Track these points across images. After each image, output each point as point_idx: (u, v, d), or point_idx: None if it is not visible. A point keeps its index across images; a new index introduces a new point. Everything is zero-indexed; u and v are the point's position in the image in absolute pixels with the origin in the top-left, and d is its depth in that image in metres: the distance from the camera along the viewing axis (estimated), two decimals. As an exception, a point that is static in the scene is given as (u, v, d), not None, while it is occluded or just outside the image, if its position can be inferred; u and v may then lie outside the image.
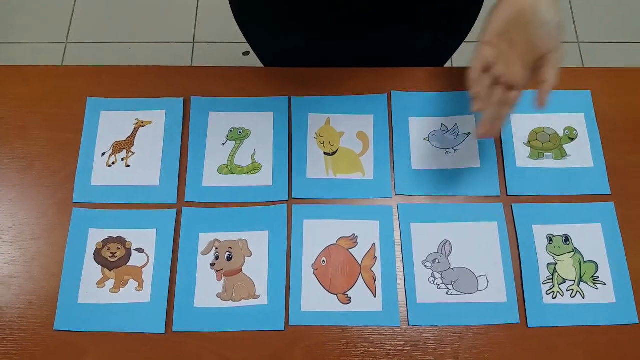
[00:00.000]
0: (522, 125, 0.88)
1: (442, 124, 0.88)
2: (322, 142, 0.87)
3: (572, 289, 0.78)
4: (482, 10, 0.94)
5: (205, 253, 0.80)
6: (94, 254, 0.80)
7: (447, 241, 0.80)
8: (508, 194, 0.83)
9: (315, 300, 0.77)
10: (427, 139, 0.87)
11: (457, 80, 0.91)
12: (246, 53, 1.88)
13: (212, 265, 0.79)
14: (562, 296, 0.77)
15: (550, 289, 0.78)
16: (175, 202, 0.83)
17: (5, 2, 2.00)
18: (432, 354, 0.75)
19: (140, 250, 0.80)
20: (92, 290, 0.78)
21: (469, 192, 0.84)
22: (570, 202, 0.83)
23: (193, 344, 0.75)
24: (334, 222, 0.82)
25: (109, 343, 0.75)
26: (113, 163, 0.85)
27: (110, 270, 0.79)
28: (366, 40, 0.91)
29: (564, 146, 0.86)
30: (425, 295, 0.77)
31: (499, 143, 0.87)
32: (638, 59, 1.88)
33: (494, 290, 0.78)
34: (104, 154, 0.86)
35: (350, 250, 0.80)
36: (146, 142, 0.87)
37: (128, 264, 0.79)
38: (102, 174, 0.85)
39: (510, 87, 0.68)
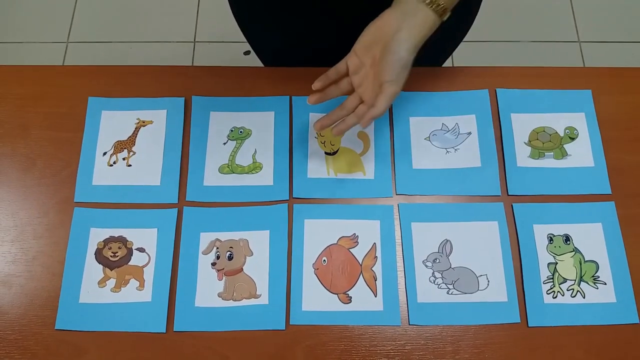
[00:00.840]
0: (522, 124, 0.88)
1: (442, 124, 0.88)
2: (323, 142, 0.87)
3: (573, 289, 0.78)
4: (480, 10, 0.94)
5: (206, 252, 0.80)
6: (95, 254, 0.80)
7: (447, 241, 0.81)
8: (509, 194, 0.83)
9: (316, 300, 0.77)
10: (427, 138, 0.87)
11: (458, 79, 0.91)
12: (247, 52, 1.87)
13: (213, 264, 0.79)
14: (563, 296, 0.77)
15: (551, 288, 0.78)
16: (177, 202, 0.83)
17: (7, 1, 2.00)
18: (432, 353, 0.75)
19: (141, 250, 0.80)
20: (93, 289, 0.78)
21: (470, 191, 0.84)
22: (570, 202, 0.83)
23: (194, 343, 0.75)
24: (334, 221, 0.82)
25: (110, 342, 0.76)
26: (114, 162, 0.86)
27: (111, 270, 0.79)
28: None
29: (564, 146, 0.86)
30: (425, 295, 0.78)
31: (500, 143, 0.87)
32: (639, 58, 1.88)
33: (495, 289, 0.78)
34: (105, 153, 0.86)
35: (350, 249, 0.80)
36: (147, 142, 0.87)
37: (129, 264, 0.79)
38: (104, 173, 0.85)
39: (361, 100, 0.74)
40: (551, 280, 0.78)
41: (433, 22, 0.69)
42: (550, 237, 0.80)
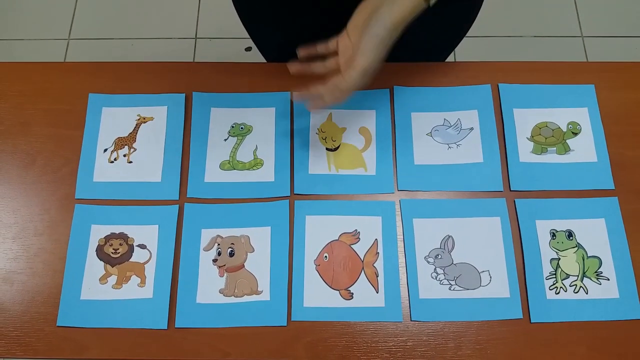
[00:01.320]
0: (525, 120, 0.87)
1: (444, 119, 0.88)
2: (324, 138, 0.87)
3: (576, 284, 0.78)
4: (482, 5, 0.93)
5: (207, 249, 0.80)
6: (96, 250, 0.80)
7: (449, 237, 0.80)
8: (511, 189, 0.83)
9: (317, 296, 0.77)
10: (429, 134, 0.87)
11: (460, 74, 0.90)
12: (248, 49, 1.87)
13: (215, 261, 0.79)
14: (566, 291, 0.77)
15: (554, 284, 0.77)
16: (178, 198, 0.83)
17: (8, -2, 2.00)
18: (434, 349, 0.75)
19: (142, 246, 0.80)
20: (95, 286, 0.78)
21: (472, 187, 0.83)
22: (573, 197, 0.82)
23: (195, 339, 0.75)
24: (336, 217, 0.82)
25: (111, 339, 0.76)
26: (115, 159, 0.85)
27: (112, 267, 0.79)
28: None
29: (567, 141, 0.86)
30: (427, 291, 0.77)
31: (502, 138, 0.86)
32: (642, 53, 1.87)
33: (497, 285, 0.78)
34: (105, 150, 0.86)
35: (352, 246, 0.80)
36: (148, 138, 0.87)
37: (130, 260, 0.79)
38: (104, 170, 0.85)
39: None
40: (554, 276, 0.78)
41: (417, 4, 0.67)
42: (553, 233, 0.80)
